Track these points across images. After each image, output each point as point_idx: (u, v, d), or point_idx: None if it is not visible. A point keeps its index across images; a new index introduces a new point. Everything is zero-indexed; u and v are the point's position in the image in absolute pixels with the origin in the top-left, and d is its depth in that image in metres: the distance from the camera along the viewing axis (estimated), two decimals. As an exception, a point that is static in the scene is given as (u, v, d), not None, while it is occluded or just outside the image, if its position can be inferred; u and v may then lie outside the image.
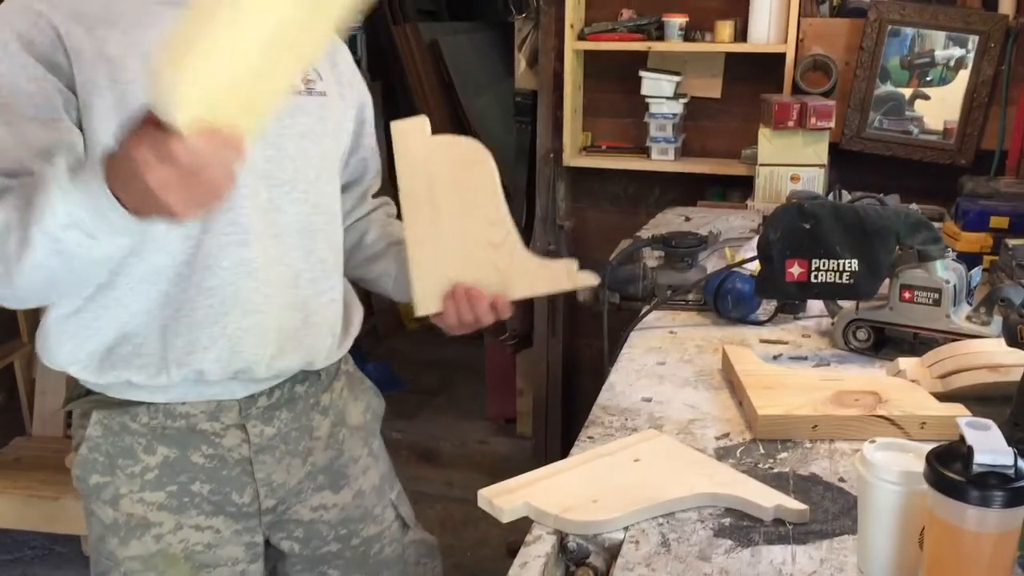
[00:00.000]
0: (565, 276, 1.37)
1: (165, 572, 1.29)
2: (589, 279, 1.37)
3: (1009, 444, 0.91)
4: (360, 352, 3.55)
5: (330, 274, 1.38)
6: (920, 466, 0.94)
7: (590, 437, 1.36)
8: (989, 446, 0.88)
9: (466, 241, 1.36)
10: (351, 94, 1.42)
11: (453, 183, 1.33)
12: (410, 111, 4.33)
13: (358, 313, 1.47)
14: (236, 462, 1.31)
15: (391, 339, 4.54)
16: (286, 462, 1.35)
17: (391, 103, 4.18)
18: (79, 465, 1.31)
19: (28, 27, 1.14)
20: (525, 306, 3.07)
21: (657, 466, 1.24)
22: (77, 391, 1.30)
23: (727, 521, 1.14)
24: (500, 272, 1.36)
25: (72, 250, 1.03)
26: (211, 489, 1.30)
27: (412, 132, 1.30)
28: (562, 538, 1.12)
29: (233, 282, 1.24)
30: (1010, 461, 0.87)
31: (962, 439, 0.91)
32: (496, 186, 1.34)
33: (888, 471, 0.97)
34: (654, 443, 1.30)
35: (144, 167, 0.93)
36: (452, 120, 4.16)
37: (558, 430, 3.12)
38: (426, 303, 1.39)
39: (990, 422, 0.93)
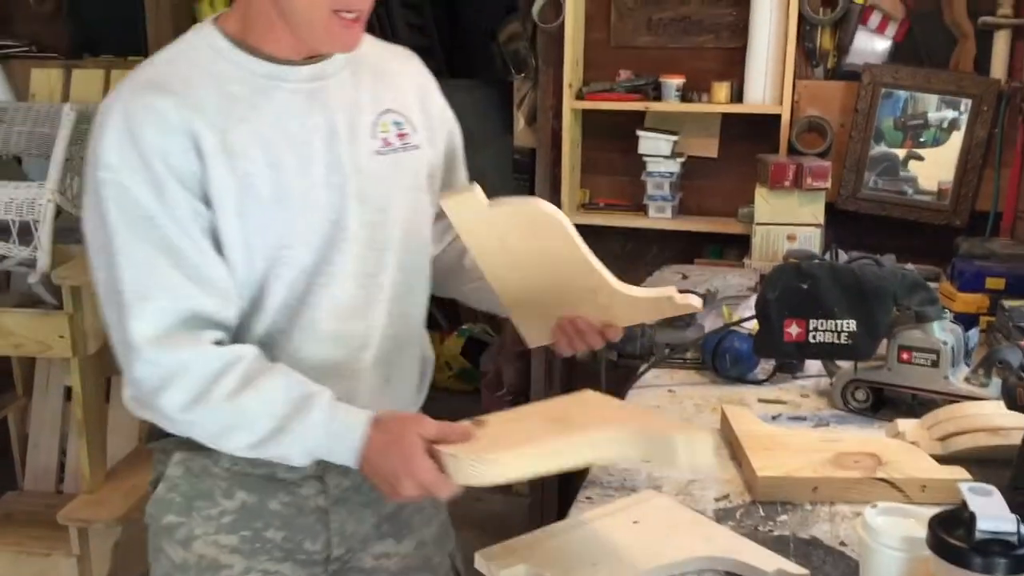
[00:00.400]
0: (668, 304, 1.35)
1: None
2: (692, 302, 1.34)
3: (1011, 509, 0.91)
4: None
5: (414, 332, 1.40)
6: (922, 531, 0.93)
7: (588, 498, 1.35)
8: (992, 512, 0.88)
9: (559, 289, 1.34)
10: (441, 131, 1.40)
11: (526, 243, 1.29)
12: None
13: (431, 364, 1.49)
14: (312, 511, 1.31)
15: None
16: (358, 513, 1.36)
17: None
18: (155, 504, 1.31)
19: (164, 141, 1.13)
20: (522, 361, 3.06)
21: (656, 528, 1.23)
22: (161, 430, 1.30)
23: (728, 585, 1.13)
24: (602, 307, 1.35)
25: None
26: (285, 536, 1.30)
27: (464, 203, 1.25)
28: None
29: (325, 352, 1.27)
30: (1013, 528, 0.87)
31: (964, 505, 0.90)
32: (574, 242, 1.30)
33: (890, 536, 0.96)
34: (653, 504, 1.29)
35: (404, 491, 1.11)
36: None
37: (555, 488, 3.10)
38: (534, 339, 1.44)
39: (992, 488, 0.93)
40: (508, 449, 1.10)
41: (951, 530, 0.89)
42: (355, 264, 1.25)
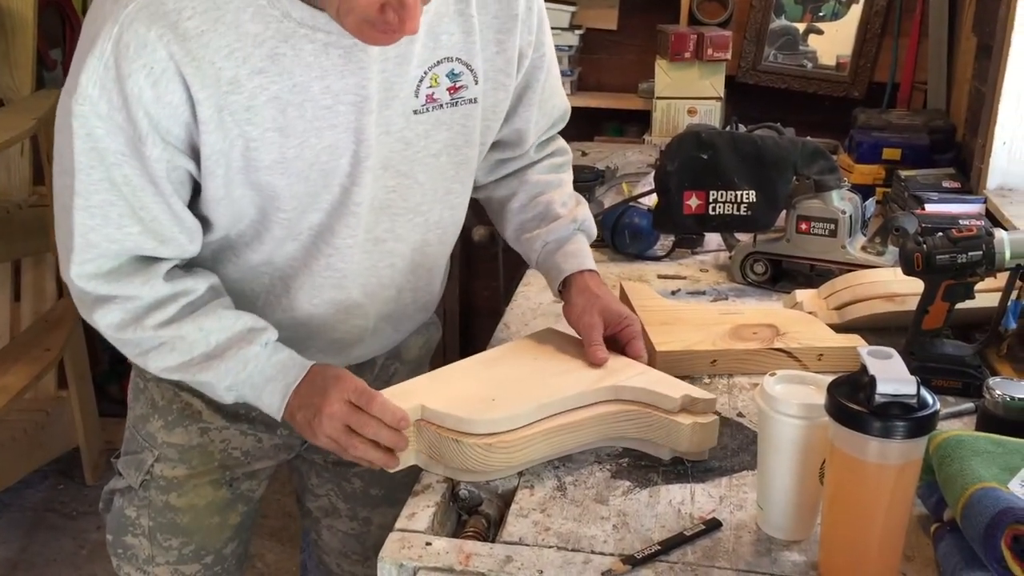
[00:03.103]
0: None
1: (196, 467, 1.24)
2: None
3: (910, 373, 0.88)
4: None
5: (434, 279, 1.29)
6: (821, 398, 0.90)
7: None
8: (891, 375, 0.85)
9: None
10: (520, 69, 1.20)
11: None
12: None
13: (437, 333, 1.42)
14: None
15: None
16: None
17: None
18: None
19: (154, 91, 0.96)
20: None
21: (558, 362, 1.19)
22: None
23: (625, 462, 1.10)
24: None
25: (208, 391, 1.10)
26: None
27: None
28: (453, 486, 1.06)
29: (321, 315, 1.17)
30: (912, 390, 0.84)
31: (864, 369, 0.87)
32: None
33: (788, 404, 0.93)
34: (553, 340, 1.24)
35: (329, 405, 1.04)
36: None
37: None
38: None
39: (891, 350, 0.90)
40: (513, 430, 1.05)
41: (850, 395, 0.86)
42: (364, 231, 1.12)
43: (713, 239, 1.79)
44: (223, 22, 0.96)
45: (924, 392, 0.85)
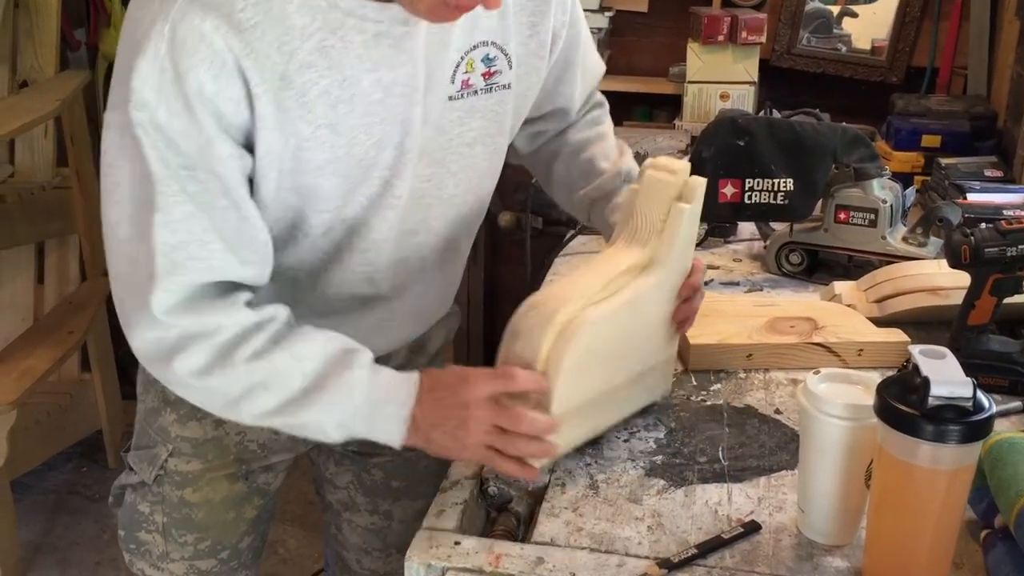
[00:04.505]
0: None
1: (212, 461, 1.20)
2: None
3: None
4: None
5: (458, 271, 1.25)
6: (868, 399, 0.86)
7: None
8: (946, 377, 0.81)
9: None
10: (554, 51, 1.16)
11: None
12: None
13: (456, 322, 1.39)
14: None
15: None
16: None
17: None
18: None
19: (216, 85, 0.89)
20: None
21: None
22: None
23: (659, 459, 1.06)
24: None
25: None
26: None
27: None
28: (482, 482, 1.03)
29: (350, 313, 1.14)
30: (968, 392, 0.80)
31: (916, 369, 0.83)
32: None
33: (833, 404, 0.89)
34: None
35: (474, 410, 0.96)
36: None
37: (480, 359, 3.04)
38: None
39: (945, 350, 0.85)
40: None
41: (901, 396, 0.82)
42: (398, 223, 1.08)
43: (747, 228, 1.74)
44: (271, 14, 0.91)
45: (980, 394, 0.81)
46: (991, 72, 2.31)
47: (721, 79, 2.38)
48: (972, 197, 1.69)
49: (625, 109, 2.74)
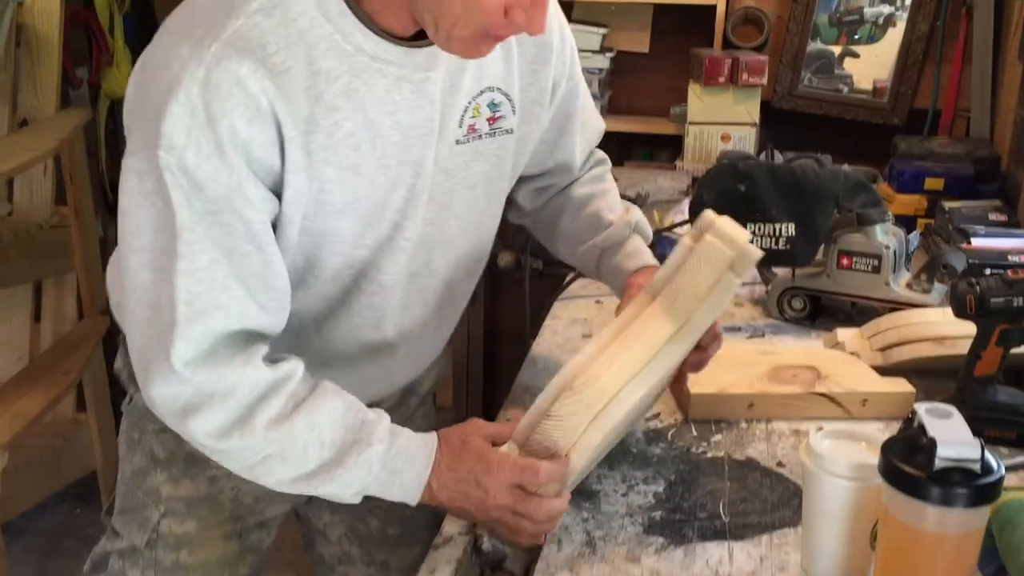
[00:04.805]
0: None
1: (207, 519, 1.16)
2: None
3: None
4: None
5: (458, 313, 1.24)
6: (873, 458, 0.84)
7: (508, 419, 1.24)
8: (953, 437, 0.78)
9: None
10: (555, 100, 1.17)
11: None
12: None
13: (446, 368, 1.39)
14: None
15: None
16: None
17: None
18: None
19: (250, 129, 0.89)
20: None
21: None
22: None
23: (658, 515, 1.04)
24: None
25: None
26: None
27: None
28: (475, 539, 1.00)
29: (352, 358, 1.12)
30: (976, 454, 0.77)
31: (921, 429, 0.81)
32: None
33: (837, 463, 0.87)
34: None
35: (493, 496, 0.96)
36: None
37: (479, 399, 3.01)
38: None
39: (951, 408, 0.83)
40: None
41: (907, 457, 0.79)
42: (406, 265, 1.07)
43: (748, 271, 1.72)
44: (300, 58, 0.91)
45: (988, 456, 0.78)
46: (994, 115, 2.30)
47: (722, 120, 2.38)
48: (977, 242, 1.67)
49: (626, 149, 2.73)
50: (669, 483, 1.10)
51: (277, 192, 0.93)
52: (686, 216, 1.58)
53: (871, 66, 2.60)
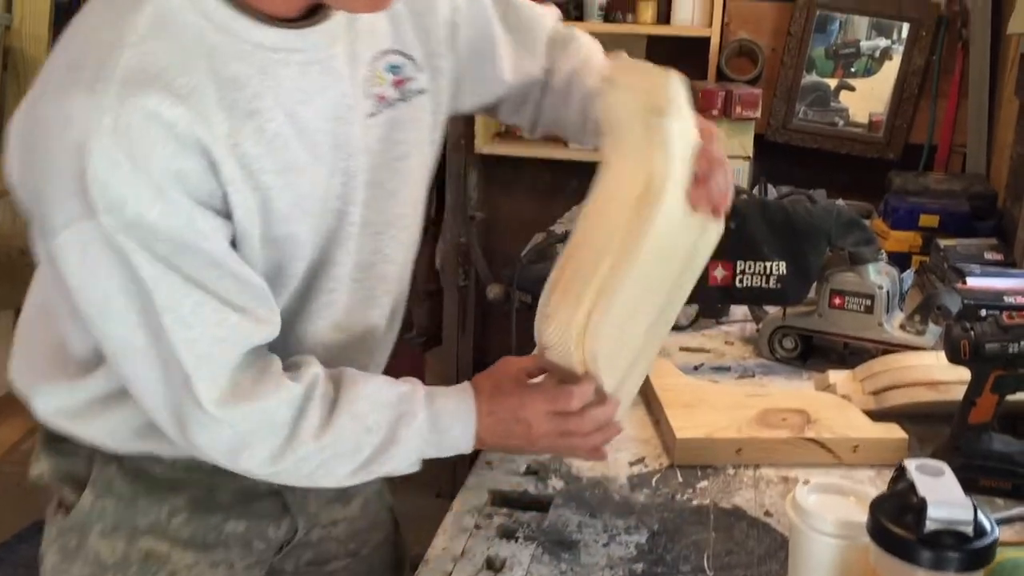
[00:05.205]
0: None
1: None
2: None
3: (960, 482, 0.78)
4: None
5: (405, 300, 1.18)
6: (862, 514, 0.80)
7: (488, 462, 1.20)
8: (944, 497, 0.75)
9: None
10: (456, 39, 1.10)
11: None
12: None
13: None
14: (266, 494, 1.10)
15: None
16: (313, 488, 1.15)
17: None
18: (79, 514, 1.05)
19: (179, 162, 0.84)
20: (434, 303, 2.90)
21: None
22: (51, 430, 1.06)
23: (640, 567, 0.99)
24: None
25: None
26: (247, 526, 1.10)
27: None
28: (448, 591, 0.96)
29: (321, 355, 1.05)
30: (968, 516, 0.74)
31: (912, 487, 0.77)
32: None
33: (824, 520, 0.83)
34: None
35: (536, 426, 0.99)
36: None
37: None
38: None
39: (943, 466, 0.79)
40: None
41: (896, 517, 0.76)
42: (356, 254, 1.02)
43: (739, 308, 1.69)
44: (203, 72, 0.86)
45: (982, 517, 0.75)
46: (990, 151, 2.28)
47: (716, 153, 2.35)
48: (972, 281, 1.64)
49: (619, 180, 2.70)
50: (652, 533, 1.06)
51: (227, 214, 0.89)
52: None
53: (867, 99, 2.59)
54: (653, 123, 0.93)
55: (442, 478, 2.65)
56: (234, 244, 0.91)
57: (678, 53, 2.63)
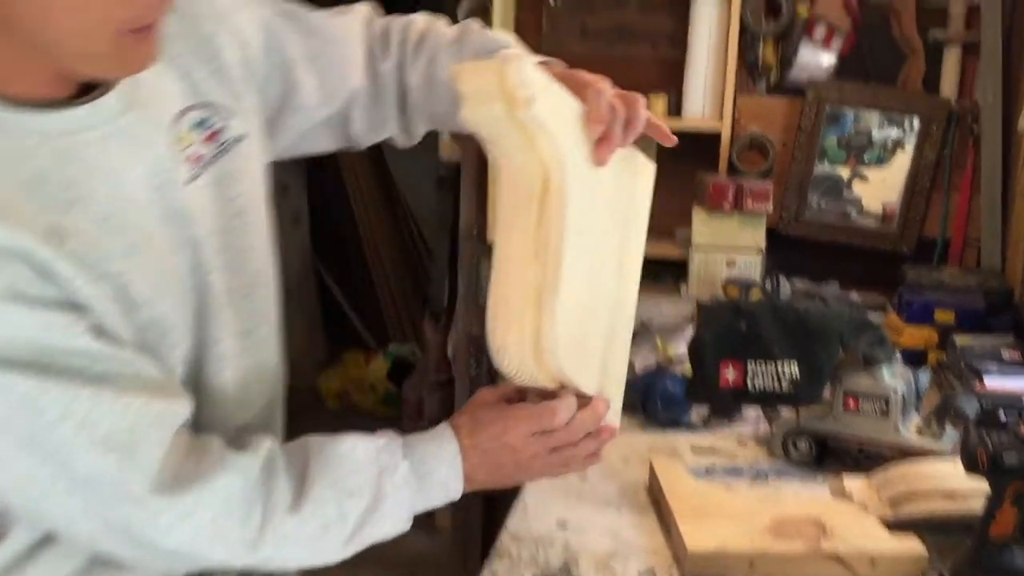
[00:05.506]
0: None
1: None
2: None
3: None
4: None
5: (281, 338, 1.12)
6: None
7: (493, 573, 1.17)
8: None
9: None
10: (244, 90, 1.03)
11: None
12: (336, 173, 4.15)
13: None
14: None
15: (304, 418, 4.27)
16: None
17: (316, 165, 4.01)
18: None
19: (6, 275, 0.80)
20: (445, 393, 2.87)
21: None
22: None
23: None
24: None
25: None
26: None
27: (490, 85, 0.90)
28: None
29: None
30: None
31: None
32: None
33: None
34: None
35: (523, 449, 0.97)
36: (379, 185, 4.00)
37: (479, 521, 2.91)
38: None
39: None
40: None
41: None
42: (232, 326, 0.98)
43: (753, 408, 1.66)
44: (2, 183, 0.82)
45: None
46: (1005, 244, 2.27)
47: (727, 245, 2.35)
48: (989, 381, 1.61)
49: (631, 270, 2.70)
50: (662, 652, 1.02)
51: (97, 328, 0.85)
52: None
53: (880, 188, 2.58)
54: (521, 118, 0.90)
55: None
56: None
57: (689, 146, 2.65)
